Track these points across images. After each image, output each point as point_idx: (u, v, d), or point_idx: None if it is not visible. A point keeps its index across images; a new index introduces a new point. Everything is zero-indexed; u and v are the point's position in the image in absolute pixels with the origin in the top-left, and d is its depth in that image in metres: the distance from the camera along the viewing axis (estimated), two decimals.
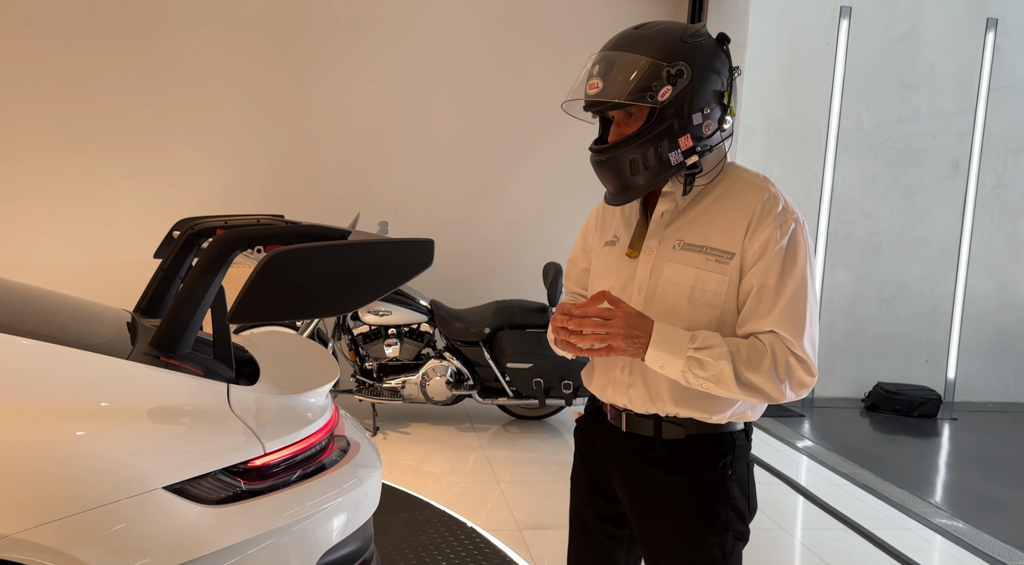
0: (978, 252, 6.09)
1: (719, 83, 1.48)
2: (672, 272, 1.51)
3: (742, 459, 1.56)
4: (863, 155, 5.93)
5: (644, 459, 1.57)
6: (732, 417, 1.54)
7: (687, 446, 1.54)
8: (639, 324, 1.44)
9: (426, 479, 3.90)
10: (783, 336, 1.44)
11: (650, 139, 1.46)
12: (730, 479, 1.53)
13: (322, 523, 1.61)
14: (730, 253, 1.47)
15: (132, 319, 1.98)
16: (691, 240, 1.51)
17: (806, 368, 1.44)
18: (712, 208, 1.52)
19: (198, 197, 5.25)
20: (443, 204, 5.55)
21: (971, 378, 6.21)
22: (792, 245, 1.45)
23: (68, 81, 5.09)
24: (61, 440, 1.37)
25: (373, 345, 4.64)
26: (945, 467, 4.86)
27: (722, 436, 1.54)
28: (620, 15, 5.57)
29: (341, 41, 5.34)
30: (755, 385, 1.43)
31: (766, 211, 1.47)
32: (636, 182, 1.50)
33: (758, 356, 1.43)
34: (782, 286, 1.44)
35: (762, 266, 1.45)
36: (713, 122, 1.49)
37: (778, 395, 1.44)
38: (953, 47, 5.92)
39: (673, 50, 1.45)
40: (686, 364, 1.42)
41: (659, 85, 1.44)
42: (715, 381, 1.42)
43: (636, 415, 1.58)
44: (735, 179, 1.54)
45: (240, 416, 1.56)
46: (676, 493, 1.53)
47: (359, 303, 1.61)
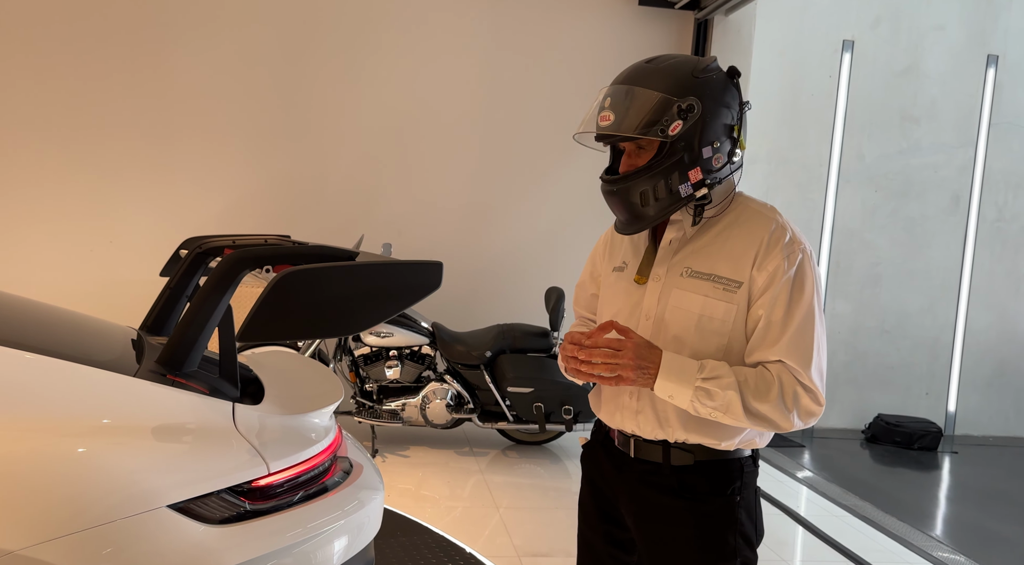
0: (979, 286, 6.11)
1: (729, 117, 1.51)
2: (679, 299, 1.53)
3: (750, 486, 1.57)
4: (864, 187, 5.97)
5: (652, 485, 1.58)
6: (740, 444, 1.55)
7: (695, 472, 1.55)
8: (648, 354, 1.46)
9: (424, 503, 3.87)
10: (791, 366, 1.46)
11: (661, 172, 1.49)
12: (738, 505, 1.54)
13: (324, 545, 1.60)
14: (738, 282, 1.50)
15: (138, 336, 1.98)
16: (699, 268, 1.53)
17: (813, 397, 1.46)
18: (720, 237, 1.54)
19: (203, 216, 5.27)
20: (446, 226, 5.57)
21: (971, 412, 6.19)
22: (799, 275, 1.48)
23: (74, 98, 5.13)
24: (66, 456, 1.37)
25: (374, 367, 4.64)
26: (946, 501, 4.83)
27: (731, 463, 1.55)
28: (626, 42, 5.64)
29: (345, 64, 5.40)
30: (763, 414, 1.44)
31: (773, 241, 1.49)
32: (647, 213, 1.53)
33: (766, 386, 1.45)
34: (789, 316, 1.46)
35: (770, 296, 1.47)
36: (723, 155, 1.52)
37: (786, 424, 1.46)
38: (954, 82, 5.99)
39: (684, 85, 1.47)
40: (694, 394, 1.44)
41: (670, 119, 1.46)
42: (723, 411, 1.44)
43: (644, 441, 1.58)
44: (743, 208, 1.56)
45: (245, 435, 1.56)
46: (684, 519, 1.54)
47: (368, 324, 1.61)
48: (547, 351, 4.67)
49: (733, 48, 5.55)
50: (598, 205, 6.41)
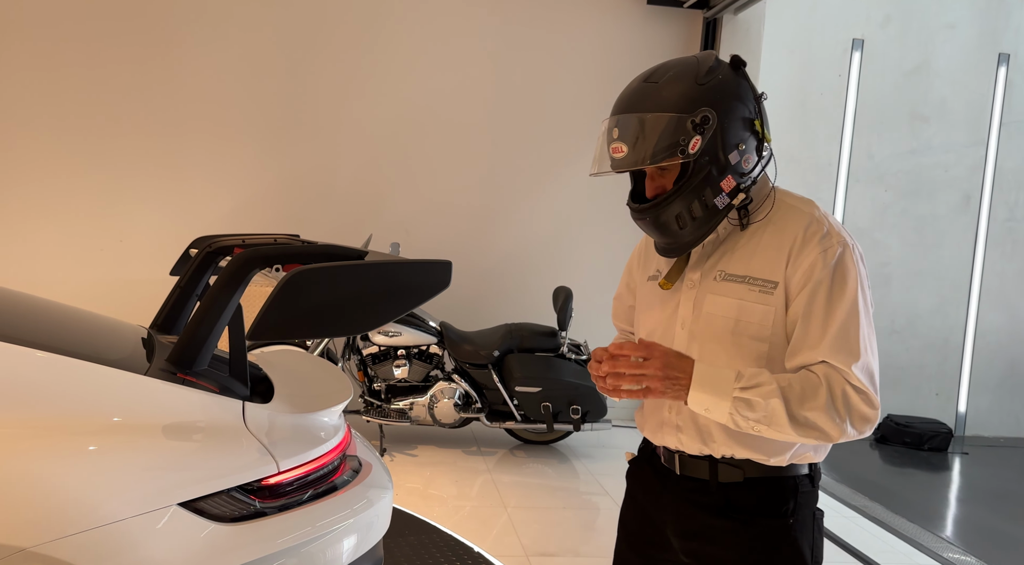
0: (989, 285, 6.07)
1: (747, 112, 1.41)
2: (714, 304, 1.44)
3: (805, 506, 1.44)
4: (874, 186, 5.94)
5: (699, 504, 1.47)
6: (793, 459, 1.43)
7: (745, 490, 1.44)
8: (678, 364, 1.35)
9: (432, 502, 3.88)
10: (837, 366, 1.33)
11: (691, 191, 1.39)
12: (791, 528, 1.42)
13: (333, 544, 1.61)
14: (773, 282, 1.39)
15: (148, 335, 1.99)
16: (733, 270, 1.44)
17: (866, 400, 1.32)
18: (754, 236, 1.44)
19: (212, 216, 5.29)
20: (454, 226, 5.58)
21: (982, 412, 6.15)
22: (840, 269, 1.36)
23: (85, 99, 5.16)
24: (77, 454, 1.38)
25: (382, 366, 4.64)
26: (956, 502, 4.80)
27: (784, 480, 1.43)
28: (635, 41, 5.63)
29: (355, 64, 5.41)
30: (811, 423, 1.31)
31: (809, 236, 1.38)
32: (686, 236, 1.43)
33: (812, 389, 1.32)
34: (831, 313, 1.35)
35: (807, 294, 1.36)
36: (751, 154, 1.42)
37: (836, 433, 1.32)
38: (965, 81, 5.95)
39: (692, 97, 1.37)
40: (733, 405, 1.32)
41: (687, 138, 1.36)
42: (767, 423, 1.31)
43: (690, 457, 1.48)
44: (778, 204, 1.46)
45: (255, 434, 1.57)
46: (732, 541, 1.43)
47: (377, 323, 1.62)
48: (555, 351, 4.66)
49: (742, 47, 5.53)
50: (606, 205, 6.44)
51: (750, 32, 5.56)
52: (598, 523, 3.81)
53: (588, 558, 3.33)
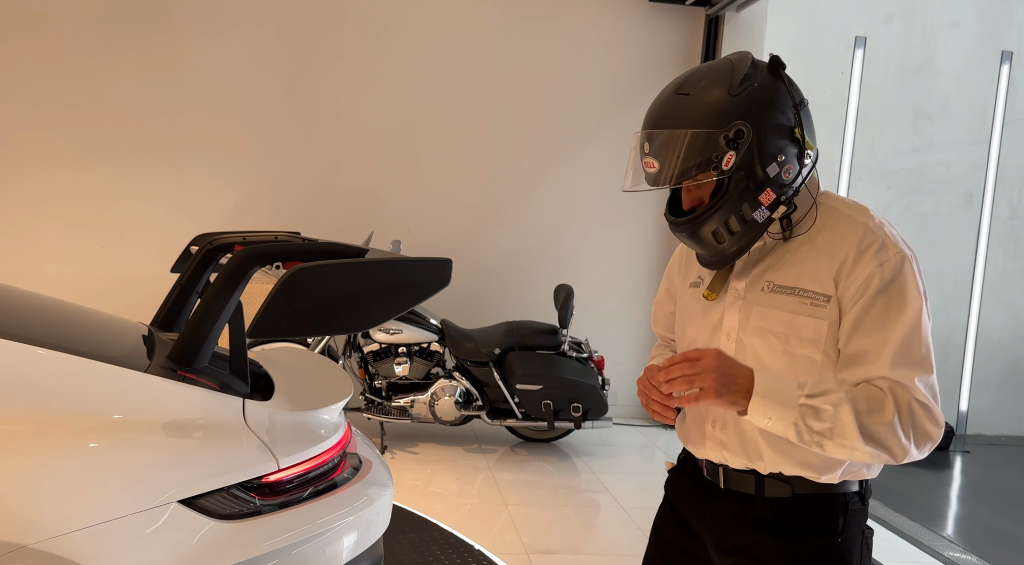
0: (992, 284, 6.06)
1: (785, 120, 1.34)
2: (763, 318, 1.38)
3: (855, 524, 1.38)
4: (876, 184, 5.93)
5: (742, 518, 1.42)
6: (845, 475, 1.37)
7: (792, 506, 1.38)
8: (735, 367, 1.28)
9: (433, 500, 3.88)
10: (900, 381, 1.27)
11: (728, 206, 1.33)
12: (839, 547, 1.37)
13: (333, 541, 1.61)
14: (826, 295, 1.33)
15: (149, 332, 1.99)
16: (782, 282, 1.37)
17: (931, 416, 1.27)
18: (805, 246, 1.37)
19: (213, 213, 5.29)
20: (455, 224, 5.58)
21: (984, 411, 6.14)
22: (899, 282, 1.29)
23: (87, 96, 5.16)
24: (78, 451, 1.38)
25: (383, 363, 4.64)
26: (957, 500, 4.80)
27: (834, 497, 1.38)
28: (637, 39, 5.62)
29: (356, 61, 5.40)
30: (879, 437, 1.24)
31: (864, 247, 1.31)
32: (727, 250, 1.38)
33: (878, 402, 1.25)
34: (894, 326, 1.28)
35: (863, 306, 1.30)
36: (792, 164, 1.35)
37: (900, 451, 1.26)
38: (968, 79, 5.94)
39: (724, 110, 1.31)
40: (799, 414, 1.25)
41: (720, 153, 1.30)
42: (833, 435, 1.24)
43: (735, 471, 1.43)
44: (829, 211, 1.39)
45: (255, 431, 1.57)
46: (777, 559, 1.38)
47: (377, 321, 1.61)
48: (556, 348, 4.66)
49: (744, 45, 5.52)
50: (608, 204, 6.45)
51: (752, 29, 5.55)
52: (599, 521, 3.81)
53: (588, 556, 3.34)
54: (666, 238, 5.77)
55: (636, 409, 5.76)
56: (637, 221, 5.74)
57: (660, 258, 5.78)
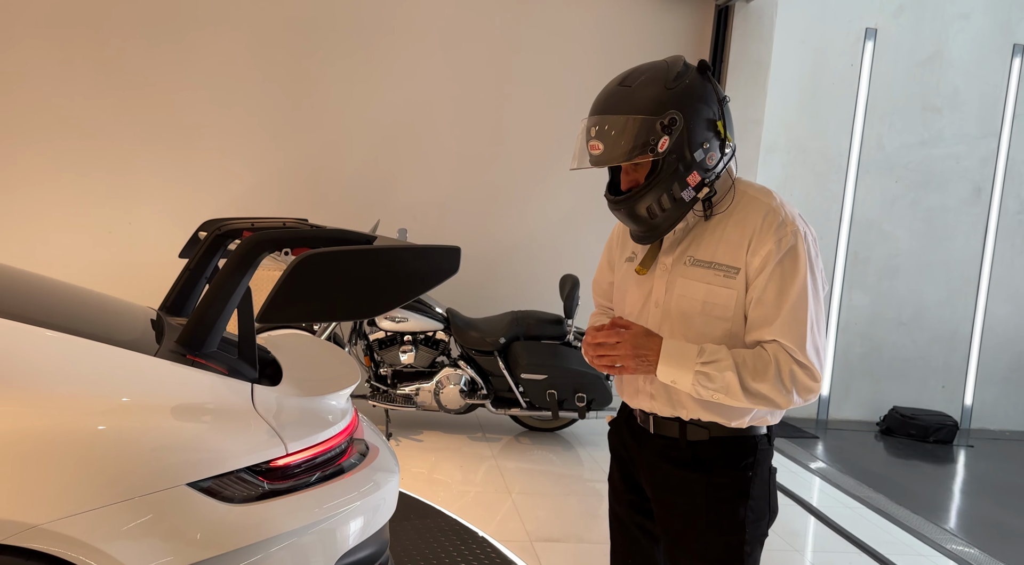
0: (999, 278, 6.04)
1: (711, 113, 1.56)
2: (684, 287, 1.60)
3: (763, 462, 1.63)
4: (884, 177, 5.91)
5: (670, 459, 1.66)
6: (752, 422, 1.62)
7: (711, 446, 1.62)
8: (646, 343, 1.56)
9: (437, 487, 3.90)
10: (785, 344, 1.51)
11: (660, 185, 1.55)
12: (751, 480, 1.60)
13: (340, 526, 1.62)
14: (735, 268, 1.56)
15: (158, 317, 2.01)
16: (700, 256, 1.60)
17: (809, 374, 1.52)
18: (720, 225, 1.60)
19: (221, 199, 5.30)
20: (462, 213, 5.57)
21: (988, 405, 6.14)
22: (791, 256, 1.52)
23: (95, 81, 5.16)
24: (89, 434, 1.39)
25: (388, 351, 4.66)
26: (960, 494, 4.81)
27: (745, 439, 1.62)
28: (645, 30, 5.59)
29: (365, 49, 5.39)
30: (761, 393, 1.51)
31: (766, 226, 1.54)
32: (658, 224, 1.60)
33: (763, 365, 1.51)
34: (782, 296, 1.52)
35: (763, 279, 1.53)
36: (715, 152, 1.57)
37: (784, 402, 1.52)
38: (978, 72, 5.90)
39: (660, 100, 1.52)
40: (695, 377, 1.52)
41: (656, 137, 1.51)
42: (724, 392, 1.51)
43: (662, 418, 1.67)
44: (741, 195, 1.62)
45: (263, 416, 1.58)
46: (696, 490, 1.61)
47: (386, 307, 1.62)
48: (561, 338, 4.67)
49: (754, 36, 5.50)
50: None
51: (762, 20, 5.52)
52: (601, 510, 3.83)
53: (591, 544, 3.35)
54: None
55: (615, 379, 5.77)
56: None
57: None
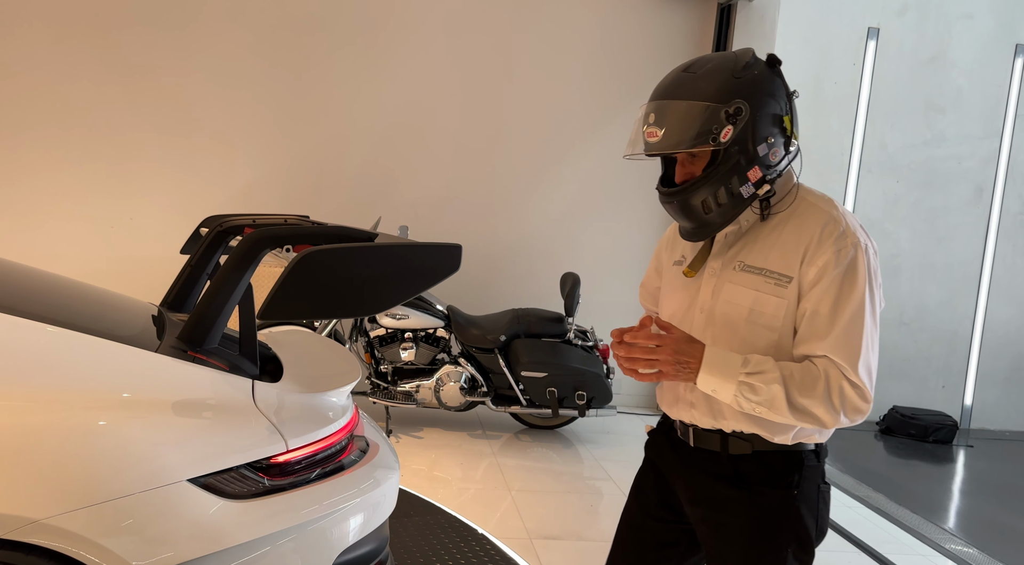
0: (1000, 279, 6.04)
1: (778, 108, 1.48)
2: (731, 293, 1.53)
3: (810, 479, 1.52)
4: (886, 177, 5.90)
5: (709, 473, 1.57)
6: (798, 438, 1.51)
7: (754, 462, 1.53)
8: (688, 349, 1.46)
9: (437, 484, 3.90)
10: (837, 362, 1.42)
11: (719, 178, 1.46)
12: (795, 499, 1.51)
13: (340, 522, 1.62)
14: (788, 277, 1.47)
15: (159, 313, 2.01)
16: (751, 262, 1.52)
17: (860, 394, 1.42)
18: (775, 230, 1.52)
19: (222, 195, 5.30)
20: (463, 210, 5.57)
21: (988, 406, 6.14)
22: (851, 270, 1.43)
23: (98, 76, 5.16)
24: (88, 429, 1.39)
25: (389, 348, 4.66)
26: (960, 494, 4.81)
27: (790, 454, 1.52)
28: (648, 28, 5.59)
29: (367, 46, 5.39)
30: (808, 410, 1.41)
31: (825, 235, 1.45)
32: (712, 220, 1.51)
33: (811, 380, 1.41)
34: (838, 311, 1.43)
35: (819, 291, 1.44)
36: (779, 148, 1.49)
37: (831, 421, 1.42)
38: (981, 72, 5.89)
39: (727, 89, 1.45)
40: (738, 388, 1.43)
41: (719, 127, 1.43)
42: (767, 405, 1.42)
43: (703, 430, 1.58)
44: (800, 201, 1.53)
45: (264, 412, 1.58)
46: (738, 508, 1.53)
47: (387, 305, 1.62)
48: (562, 336, 4.67)
49: (756, 35, 5.49)
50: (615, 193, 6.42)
51: (764, 19, 5.51)
52: (601, 508, 3.83)
53: (591, 542, 3.36)
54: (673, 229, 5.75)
55: (640, 398, 5.77)
56: (644, 211, 5.73)
57: None
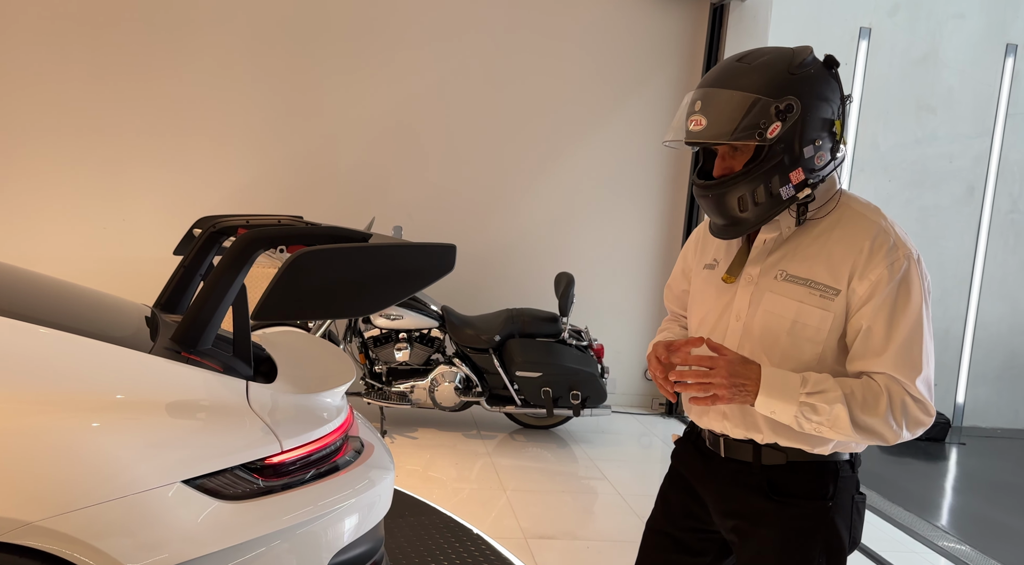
0: (991, 277, 6.07)
1: (829, 112, 1.43)
2: (772, 303, 1.47)
3: (845, 491, 1.49)
4: (878, 176, 5.93)
5: (741, 484, 1.53)
6: (836, 448, 1.48)
7: (787, 472, 1.49)
8: (744, 371, 1.39)
9: (432, 484, 3.90)
10: (898, 378, 1.38)
11: (760, 176, 1.40)
12: (830, 511, 1.47)
13: (335, 523, 1.62)
14: (836, 289, 1.42)
15: (152, 314, 2.00)
16: (795, 272, 1.46)
17: (923, 408, 1.38)
18: (819, 240, 1.46)
19: (215, 196, 5.29)
20: (457, 210, 5.57)
21: (980, 403, 6.17)
22: (905, 284, 1.39)
23: (90, 76, 5.14)
24: (83, 430, 1.39)
25: (383, 349, 4.66)
26: (952, 491, 4.83)
27: (825, 465, 1.48)
28: (640, 28, 5.60)
29: (361, 46, 5.38)
30: (871, 428, 1.37)
31: (876, 247, 1.40)
32: (746, 218, 1.45)
33: (873, 398, 1.37)
34: (895, 326, 1.38)
35: (872, 306, 1.39)
36: (825, 153, 1.43)
37: (893, 437, 1.38)
38: (972, 71, 5.92)
39: (780, 84, 1.39)
40: (799, 410, 1.37)
41: (767, 122, 1.37)
42: (830, 425, 1.37)
43: (735, 440, 1.54)
44: (844, 209, 1.47)
45: (258, 413, 1.58)
46: (771, 520, 1.48)
47: (382, 305, 1.62)
48: (556, 336, 4.67)
49: (749, 34, 5.50)
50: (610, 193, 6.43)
51: (757, 19, 5.53)
52: (596, 507, 3.84)
53: (585, 541, 3.36)
54: (667, 228, 5.77)
55: (634, 397, 5.78)
56: (639, 211, 5.74)
57: (660, 248, 5.78)
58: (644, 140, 5.67)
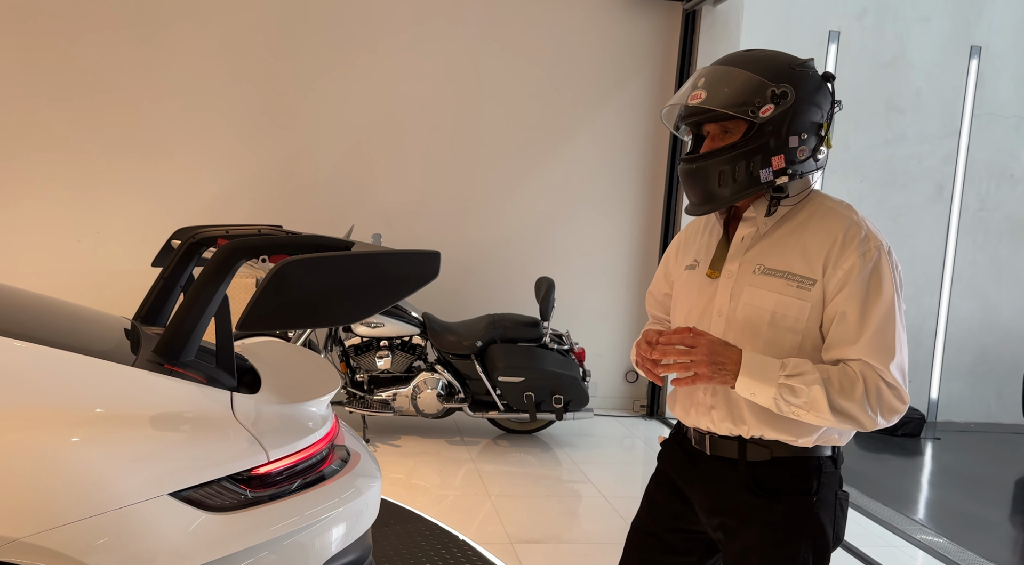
0: (961, 274, 6.19)
1: (819, 114, 1.52)
2: (752, 296, 1.53)
3: (828, 486, 1.53)
4: (850, 177, 6.03)
5: (727, 481, 1.57)
6: (820, 441, 1.52)
7: (772, 468, 1.53)
8: (724, 352, 1.45)
9: (416, 492, 3.89)
10: (872, 364, 1.43)
11: (744, 153, 1.48)
12: (814, 506, 1.51)
13: (322, 532, 1.62)
14: (812, 279, 1.48)
15: (133, 326, 1.98)
16: (772, 265, 1.53)
17: (897, 395, 1.44)
18: (794, 234, 1.53)
19: (191, 207, 5.24)
20: (437, 217, 5.58)
21: (954, 399, 6.28)
22: (877, 273, 1.46)
23: (62, 87, 5.08)
24: (67, 445, 1.37)
25: (364, 357, 4.64)
26: (929, 485, 4.91)
27: (808, 461, 1.53)
28: (614, 32, 5.65)
29: (337, 53, 5.37)
30: (848, 412, 1.42)
31: (848, 239, 1.47)
32: (721, 193, 1.52)
33: (850, 383, 1.42)
34: (868, 314, 1.44)
35: (845, 295, 1.45)
36: (808, 149, 1.52)
37: (869, 422, 1.43)
38: (938, 73, 6.05)
39: (780, 72, 1.49)
40: (778, 391, 1.42)
41: (762, 102, 1.47)
42: (807, 408, 1.42)
43: (720, 437, 1.58)
44: (818, 206, 1.55)
45: (243, 424, 1.57)
46: (757, 516, 1.52)
47: (366, 313, 1.62)
48: (538, 341, 4.69)
49: (720, 38, 5.57)
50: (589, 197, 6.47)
51: (728, 24, 5.60)
52: (581, 510, 3.85)
53: (571, 544, 3.37)
54: (646, 231, 5.81)
55: (616, 400, 5.82)
56: (617, 214, 5.78)
57: (639, 251, 5.83)
58: (621, 144, 5.72)
